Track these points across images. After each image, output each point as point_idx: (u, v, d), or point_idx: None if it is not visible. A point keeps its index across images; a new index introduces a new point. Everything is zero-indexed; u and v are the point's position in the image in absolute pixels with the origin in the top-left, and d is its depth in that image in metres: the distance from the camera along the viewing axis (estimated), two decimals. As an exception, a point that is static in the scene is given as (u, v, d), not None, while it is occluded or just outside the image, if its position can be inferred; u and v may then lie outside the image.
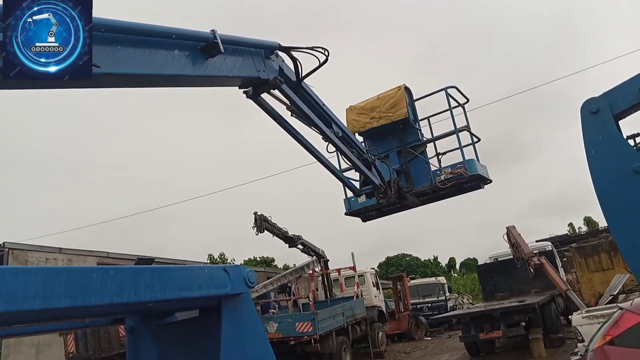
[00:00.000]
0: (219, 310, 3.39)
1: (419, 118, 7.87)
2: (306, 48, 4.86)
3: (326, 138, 5.81)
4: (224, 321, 3.36)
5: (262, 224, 15.26)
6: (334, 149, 6.27)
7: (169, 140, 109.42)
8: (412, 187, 7.42)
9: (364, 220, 8.39)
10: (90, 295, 2.48)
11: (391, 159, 7.49)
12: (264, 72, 4.58)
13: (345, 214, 8.26)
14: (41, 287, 2.26)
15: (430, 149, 7.73)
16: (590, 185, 5.06)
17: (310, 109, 5.39)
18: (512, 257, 16.27)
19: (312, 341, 13.54)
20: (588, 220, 51.22)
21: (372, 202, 7.62)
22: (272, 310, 16.80)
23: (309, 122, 5.54)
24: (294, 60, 4.93)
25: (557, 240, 26.82)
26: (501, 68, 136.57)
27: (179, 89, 4.09)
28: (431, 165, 7.57)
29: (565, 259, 22.35)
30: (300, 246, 17.03)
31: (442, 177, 7.31)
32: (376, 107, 7.56)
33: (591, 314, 9.70)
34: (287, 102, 5.19)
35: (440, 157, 7.71)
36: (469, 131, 7.69)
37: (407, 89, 7.61)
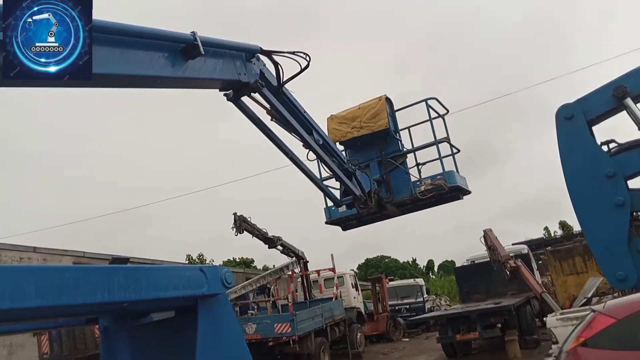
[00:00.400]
0: (196, 311, 3.37)
1: (400, 128, 7.93)
2: (288, 52, 4.83)
3: (307, 145, 5.78)
4: (200, 322, 3.33)
5: (242, 224, 15.17)
6: (315, 157, 6.26)
7: (150, 140, 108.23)
8: (392, 197, 7.47)
9: (344, 229, 8.45)
10: (62, 294, 2.45)
11: (372, 169, 7.55)
12: (244, 75, 4.55)
13: (326, 223, 8.32)
14: (11, 287, 2.23)
15: (410, 159, 7.80)
16: (565, 189, 5.15)
17: (291, 115, 5.36)
18: (488, 259, 16.47)
19: (291, 342, 13.50)
20: (563, 224, 51.84)
21: (352, 212, 7.67)
22: (251, 311, 16.69)
23: (290, 128, 5.50)
24: (276, 64, 4.89)
25: (533, 244, 27.18)
26: (481, 73, 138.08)
27: (159, 89, 4.04)
28: (411, 176, 7.63)
29: (540, 262, 22.66)
30: (280, 247, 16.95)
31: (422, 188, 7.37)
32: (357, 117, 7.60)
33: (565, 316, 9.88)
34: (268, 106, 5.16)
35: (420, 167, 7.78)
36: (449, 142, 7.78)
37: (388, 99, 7.67)
